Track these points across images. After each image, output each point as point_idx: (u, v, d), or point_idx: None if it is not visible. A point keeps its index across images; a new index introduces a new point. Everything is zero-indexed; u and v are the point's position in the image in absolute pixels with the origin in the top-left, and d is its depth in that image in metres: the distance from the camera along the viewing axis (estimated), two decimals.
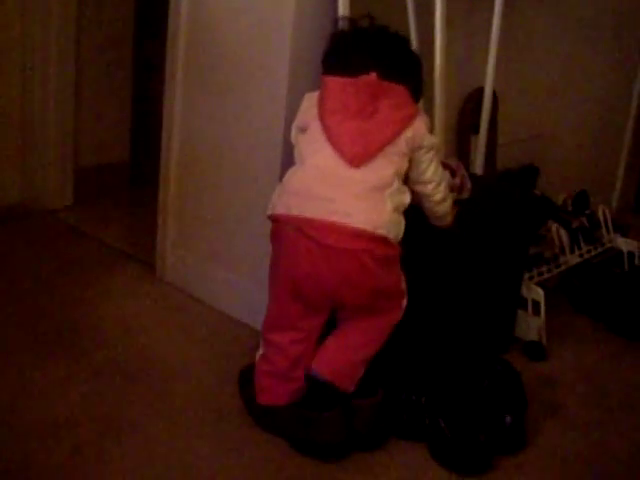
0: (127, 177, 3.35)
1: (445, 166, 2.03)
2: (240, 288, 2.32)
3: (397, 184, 1.74)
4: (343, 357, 1.81)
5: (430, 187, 1.82)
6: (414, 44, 2.21)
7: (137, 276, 2.55)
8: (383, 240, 1.70)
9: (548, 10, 2.83)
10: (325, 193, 1.70)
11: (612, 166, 3.21)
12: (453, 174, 2.02)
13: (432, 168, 1.81)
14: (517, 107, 2.86)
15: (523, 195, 2.30)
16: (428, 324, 1.99)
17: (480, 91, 2.58)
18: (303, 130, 1.81)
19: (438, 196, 1.84)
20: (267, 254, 2.18)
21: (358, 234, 1.67)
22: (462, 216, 1.96)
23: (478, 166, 2.44)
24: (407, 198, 1.77)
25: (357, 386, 1.80)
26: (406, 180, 1.80)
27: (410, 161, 1.78)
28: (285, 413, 1.81)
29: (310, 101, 1.81)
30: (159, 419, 1.85)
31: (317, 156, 1.75)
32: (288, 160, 1.94)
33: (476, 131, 2.59)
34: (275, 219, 1.78)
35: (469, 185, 2.06)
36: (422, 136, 1.77)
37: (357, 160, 1.71)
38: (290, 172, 1.81)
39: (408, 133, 1.75)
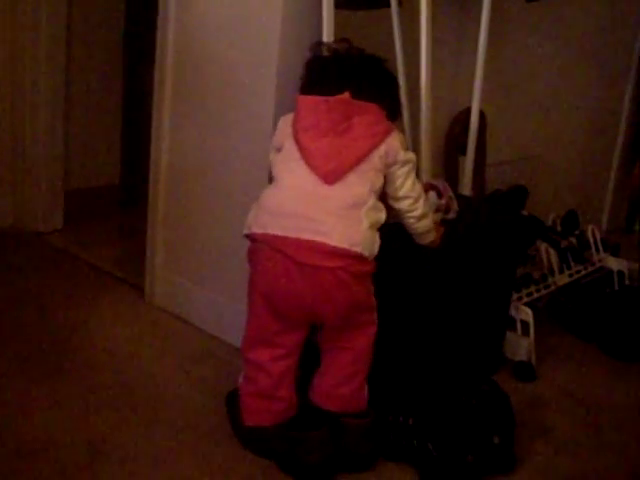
0: (117, 200, 3.36)
1: (431, 186, 2.05)
2: (229, 310, 2.31)
3: (372, 201, 1.74)
4: (346, 388, 1.83)
5: (407, 203, 1.81)
6: (399, 64, 2.22)
7: (126, 299, 2.55)
8: (359, 257, 1.70)
9: (536, 30, 2.85)
10: (301, 211, 1.71)
11: (601, 186, 3.22)
12: (439, 195, 2.03)
13: (408, 183, 1.80)
14: (506, 128, 2.87)
15: (510, 215, 2.29)
16: (416, 345, 1.99)
17: (468, 111, 2.58)
18: (278, 150, 1.82)
19: (417, 212, 1.83)
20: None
21: (335, 252, 1.68)
22: (450, 236, 1.96)
23: (466, 187, 2.44)
24: (383, 215, 1.77)
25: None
26: (384, 197, 1.81)
27: (385, 177, 1.78)
28: (271, 434, 1.81)
29: (285, 122, 1.82)
30: (147, 441, 1.83)
31: (292, 175, 1.76)
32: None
33: (464, 152, 2.60)
34: (252, 238, 1.78)
35: (455, 206, 2.07)
36: (396, 152, 1.77)
37: (331, 177, 1.71)
38: (266, 191, 1.81)
39: (381, 149, 1.75)
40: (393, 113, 1.88)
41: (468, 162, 2.38)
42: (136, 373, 2.12)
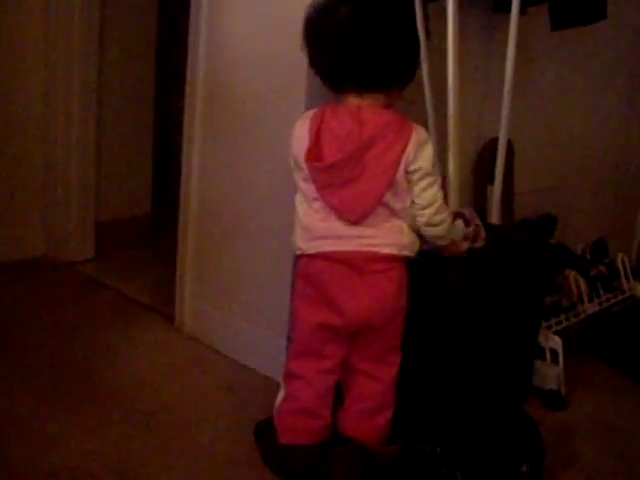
0: (148, 230, 3.40)
1: (459, 215, 2.05)
2: (258, 339, 2.33)
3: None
4: (379, 418, 1.84)
5: (416, 208, 1.79)
6: (427, 95, 2.23)
7: (156, 327, 2.57)
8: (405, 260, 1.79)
9: (562, 57, 2.86)
10: (347, 233, 1.75)
11: (631, 214, 3.20)
12: (467, 223, 2.03)
13: (426, 194, 1.78)
14: (533, 156, 2.87)
15: (538, 244, 2.29)
16: (444, 373, 1.98)
17: (496, 141, 2.58)
18: (297, 167, 1.80)
19: (423, 219, 1.81)
20: (280, 302, 2.23)
21: (387, 258, 1.75)
22: (479, 264, 1.97)
23: (495, 216, 2.44)
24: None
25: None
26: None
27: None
28: (308, 453, 1.82)
29: (302, 128, 1.79)
30: (175, 470, 1.85)
31: (323, 214, 1.77)
32: None
33: (492, 181, 2.60)
34: (307, 257, 1.80)
35: (483, 234, 2.07)
36: (411, 160, 1.73)
37: (359, 220, 1.74)
38: (302, 210, 1.81)
39: (402, 164, 1.72)
40: (408, 79, 1.84)
41: (496, 191, 2.38)
42: (167, 402, 2.14)
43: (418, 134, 1.75)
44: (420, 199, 1.78)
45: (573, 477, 1.96)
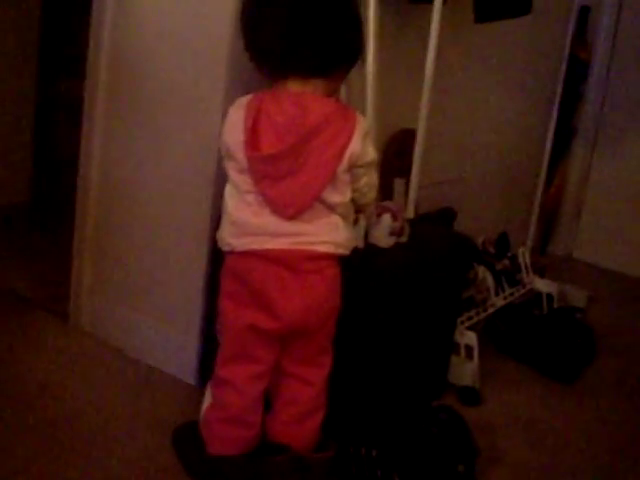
0: (27, 218, 3.19)
1: (385, 209, 2.01)
2: (164, 337, 2.21)
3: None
4: (309, 423, 1.77)
5: (356, 195, 1.75)
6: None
7: (49, 326, 2.39)
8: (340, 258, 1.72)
9: (465, 50, 2.86)
10: (280, 230, 1.66)
11: (526, 209, 3.26)
12: (394, 217, 1.99)
13: (363, 181, 1.73)
14: (431, 149, 2.86)
15: (457, 237, 2.28)
16: (370, 373, 1.94)
17: (404, 132, 2.56)
18: (229, 157, 1.70)
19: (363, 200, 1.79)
20: (190, 300, 2.14)
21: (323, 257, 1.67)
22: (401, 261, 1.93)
23: (409, 209, 2.41)
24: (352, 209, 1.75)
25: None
26: None
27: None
28: (237, 464, 1.72)
29: (237, 115, 1.68)
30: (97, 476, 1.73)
31: (256, 208, 1.67)
32: (218, 202, 1.83)
33: (400, 174, 2.57)
34: (237, 254, 1.69)
35: (408, 229, 2.04)
36: (357, 156, 1.66)
37: (295, 216, 1.65)
38: (231, 204, 1.70)
39: (345, 157, 1.65)
40: (349, 65, 1.76)
41: (413, 183, 2.35)
42: (70, 406, 1.99)
43: (361, 125, 1.68)
44: (364, 188, 1.74)
45: (500, 473, 1.95)
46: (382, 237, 1.95)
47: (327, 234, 1.68)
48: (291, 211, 1.65)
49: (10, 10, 2.97)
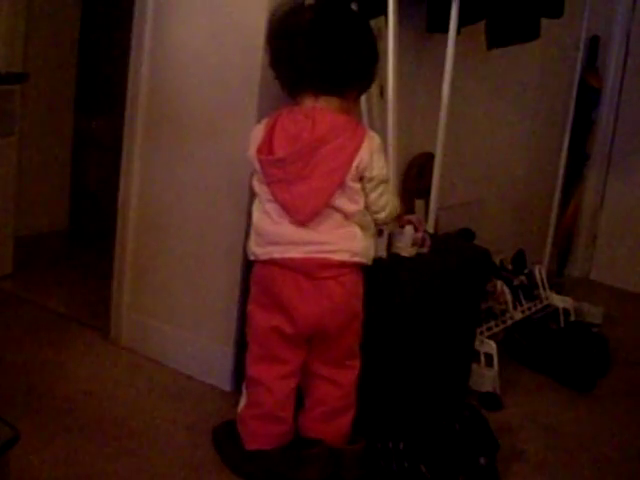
0: (66, 244, 3.36)
1: (408, 221, 2.13)
2: (200, 348, 2.34)
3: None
4: (341, 420, 1.90)
5: (371, 211, 1.87)
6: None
7: (91, 341, 2.53)
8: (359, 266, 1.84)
9: (481, 79, 2.98)
10: (298, 238, 1.80)
11: (542, 232, 3.36)
12: (416, 229, 2.11)
13: (379, 200, 1.86)
14: (451, 172, 2.98)
15: (477, 250, 2.39)
16: (398, 376, 2.05)
17: (423, 156, 2.69)
18: (254, 170, 1.86)
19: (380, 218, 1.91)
20: (226, 312, 2.26)
21: (339, 264, 1.80)
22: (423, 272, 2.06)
23: (429, 227, 2.53)
24: (369, 217, 1.87)
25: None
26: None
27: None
28: (273, 457, 1.84)
29: (257, 129, 1.86)
30: (139, 474, 1.84)
31: (274, 216, 1.82)
32: (250, 220, 1.95)
33: (419, 195, 2.71)
34: (261, 263, 1.84)
35: (429, 241, 2.16)
36: (365, 166, 1.79)
37: (307, 221, 1.79)
38: (256, 214, 1.86)
39: (354, 165, 1.77)
40: (362, 87, 1.94)
41: (432, 202, 2.47)
42: (113, 412, 2.12)
43: (372, 140, 1.82)
44: (375, 205, 1.86)
45: (522, 470, 2.07)
46: (405, 247, 2.07)
47: (343, 243, 1.81)
48: (302, 215, 1.78)
49: (50, 60, 3.17)
